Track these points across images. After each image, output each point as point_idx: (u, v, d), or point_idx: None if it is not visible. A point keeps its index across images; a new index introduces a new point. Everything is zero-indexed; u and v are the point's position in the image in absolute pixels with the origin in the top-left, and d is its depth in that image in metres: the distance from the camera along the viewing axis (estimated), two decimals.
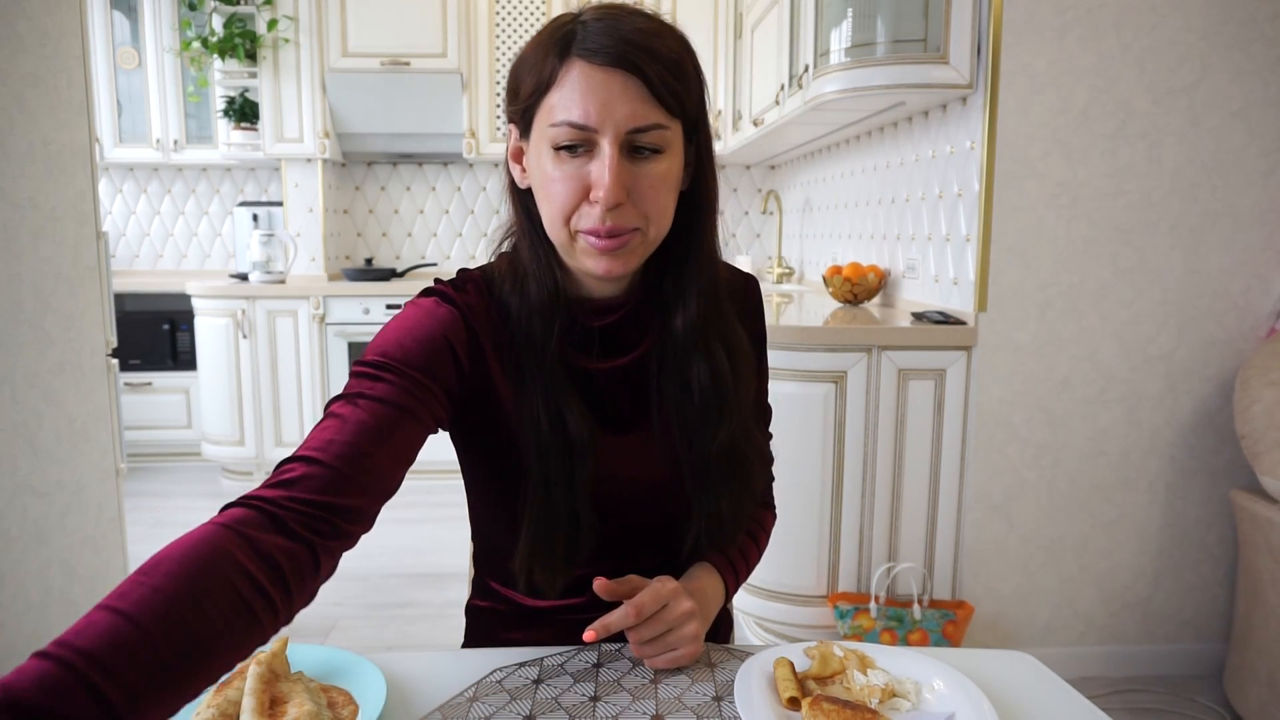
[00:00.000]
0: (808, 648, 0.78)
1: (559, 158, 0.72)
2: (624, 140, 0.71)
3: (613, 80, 0.69)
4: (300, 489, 0.66)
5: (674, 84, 0.71)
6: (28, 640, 1.77)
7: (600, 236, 0.73)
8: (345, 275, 4.01)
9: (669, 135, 0.73)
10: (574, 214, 0.73)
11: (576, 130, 0.70)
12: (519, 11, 3.88)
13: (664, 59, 0.71)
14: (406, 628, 2.42)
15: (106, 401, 2.09)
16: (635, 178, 0.72)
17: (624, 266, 0.75)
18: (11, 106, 1.75)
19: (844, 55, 2.13)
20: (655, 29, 0.72)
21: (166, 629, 0.52)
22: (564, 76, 0.71)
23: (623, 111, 0.70)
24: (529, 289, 0.79)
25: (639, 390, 0.85)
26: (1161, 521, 2.10)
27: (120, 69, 4.04)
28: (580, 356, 0.83)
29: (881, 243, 2.67)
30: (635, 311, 0.84)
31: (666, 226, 0.77)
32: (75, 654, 0.48)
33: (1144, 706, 1.99)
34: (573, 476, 0.79)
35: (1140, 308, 2.03)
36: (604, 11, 0.72)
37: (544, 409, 0.78)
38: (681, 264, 0.81)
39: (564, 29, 0.72)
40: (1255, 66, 1.95)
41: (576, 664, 0.80)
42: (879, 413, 2.04)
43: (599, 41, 0.69)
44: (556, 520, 0.79)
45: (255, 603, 0.58)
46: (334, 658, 0.78)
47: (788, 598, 2.15)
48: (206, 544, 0.58)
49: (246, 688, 0.67)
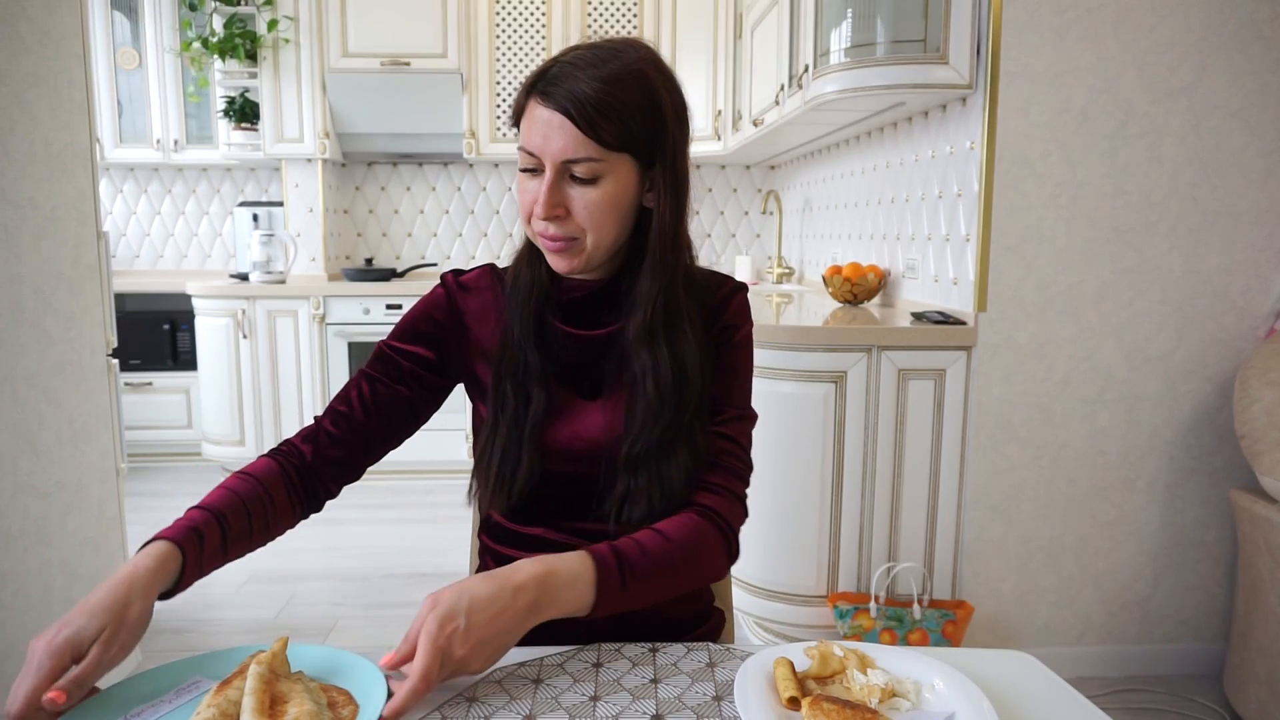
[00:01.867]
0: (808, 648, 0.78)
1: (521, 176, 0.91)
2: (560, 168, 0.87)
3: (553, 119, 0.85)
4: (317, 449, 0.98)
5: (599, 121, 0.84)
6: (28, 640, 1.77)
7: (546, 239, 0.91)
8: (345, 275, 4.01)
9: (603, 166, 0.87)
10: (531, 220, 0.91)
11: (528, 155, 0.89)
12: (519, 11, 3.88)
13: (590, 100, 0.84)
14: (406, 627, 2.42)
15: (107, 401, 2.09)
16: (572, 198, 0.88)
17: (569, 265, 0.92)
18: (12, 106, 1.75)
19: (844, 55, 2.13)
20: (595, 73, 0.85)
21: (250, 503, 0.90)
22: (528, 111, 0.89)
23: (557, 146, 0.86)
24: (522, 269, 0.99)
25: (597, 363, 0.98)
26: (1161, 521, 2.10)
27: (121, 69, 4.04)
28: (554, 320, 0.98)
29: (881, 243, 2.67)
30: (602, 294, 0.98)
31: (607, 237, 0.91)
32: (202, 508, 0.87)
33: (1144, 706, 2.00)
34: (521, 415, 0.94)
35: (1140, 308, 2.03)
36: (574, 55, 0.87)
37: (512, 354, 0.95)
38: (637, 272, 0.94)
39: (539, 70, 0.88)
40: (1255, 66, 1.95)
41: (576, 664, 0.81)
42: (879, 413, 2.05)
43: (546, 85, 0.86)
44: (499, 449, 0.94)
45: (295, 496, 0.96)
46: (334, 658, 0.78)
47: (788, 598, 2.15)
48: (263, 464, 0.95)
49: (247, 687, 0.67)
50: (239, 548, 0.89)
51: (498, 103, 3.94)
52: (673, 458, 0.92)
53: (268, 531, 0.92)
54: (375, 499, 3.54)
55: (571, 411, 0.96)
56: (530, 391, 0.95)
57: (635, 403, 0.93)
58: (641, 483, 0.92)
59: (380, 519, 3.32)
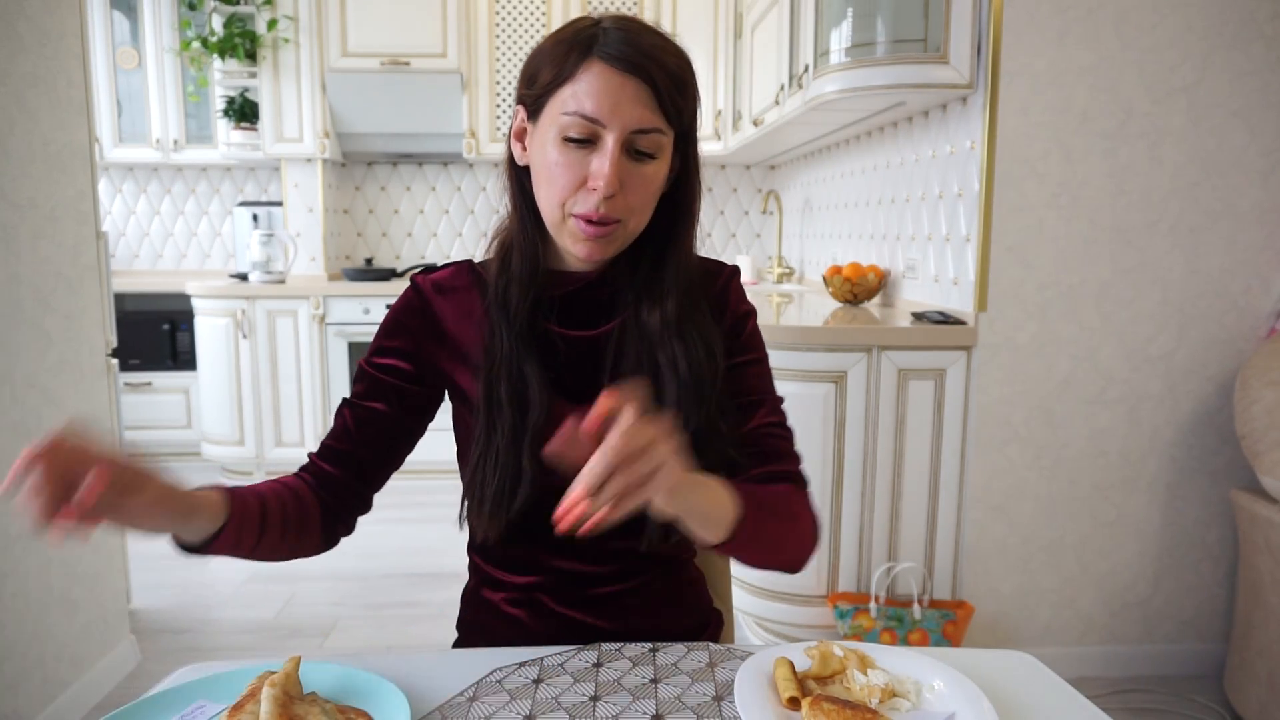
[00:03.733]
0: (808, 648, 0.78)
1: (564, 147, 0.79)
2: (626, 139, 0.78)
3: (626, 84, 0.77)
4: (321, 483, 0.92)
5: (676, 97, 0.80)
6: (28, 640, 1.77)
7: (590, 223, 0.80)
8: (345, 275, 4.01)
9: (663, 141, 0.81)
10: (570, 199, 0.81)
11: (586, 123, 0.78)
12: (519, 11, 3.88)
13: (671, 73, 0.79)
14: (406, 628, 2.42)
15: (106, 401, 2.09)
16: (629, 174, 0.80)
17: (603, 253, 0.83)
18: (11, 106, 1.75)
19: (844, 55, 2.13)
20: (665, 45, 0.80)
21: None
22: (582, 73, 0.78)
23: (631, 114, 0.77)
24: (512, 259, 0.88)
25: (599, 365, 0.89)
26: (1161, 521, 2.10)
27: (120, 69, 4.04)
28: (546, 322, 0.89)
29: (881, 243, 2.66)
30: (601, 290, 0.90)
31: (644, 222, 0.85)
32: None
33: (1144, 706, 1.99)
34: (520, 428, 0.85)
35: (1140, 308, 2.03)
36: (623, 22, 0.80)
37: (504, 364, 0.86)
38: (659, 259, 0.88)
39: (587, 31, 0.79)
40: (1255, 66, 1.95)
41: (576, 664, 0.80)
42: (879, 413, 2.04)
43: (619, 48, 0.77)
44: (497, 467, 0.85)
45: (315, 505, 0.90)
46: (348, 676, 0.75)
47: (788, 598, 2.15)
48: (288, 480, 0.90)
49: (262, 710, 0.64)
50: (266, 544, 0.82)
51: (498, 103, 3.94)
52: (703, 455, 0.84)
53: (298, 537, 0.86)
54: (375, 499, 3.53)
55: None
56: (528, 401, 0.86)
57: (663, 397, 0.85)
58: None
59: (380, 519, 3.29)
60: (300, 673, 0.71)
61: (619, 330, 0.89)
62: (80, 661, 1.94)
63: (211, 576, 2.77)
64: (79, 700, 1.91)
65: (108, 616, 2.07)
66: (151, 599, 2.57)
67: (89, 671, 1.97)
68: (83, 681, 1.94)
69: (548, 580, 0.94)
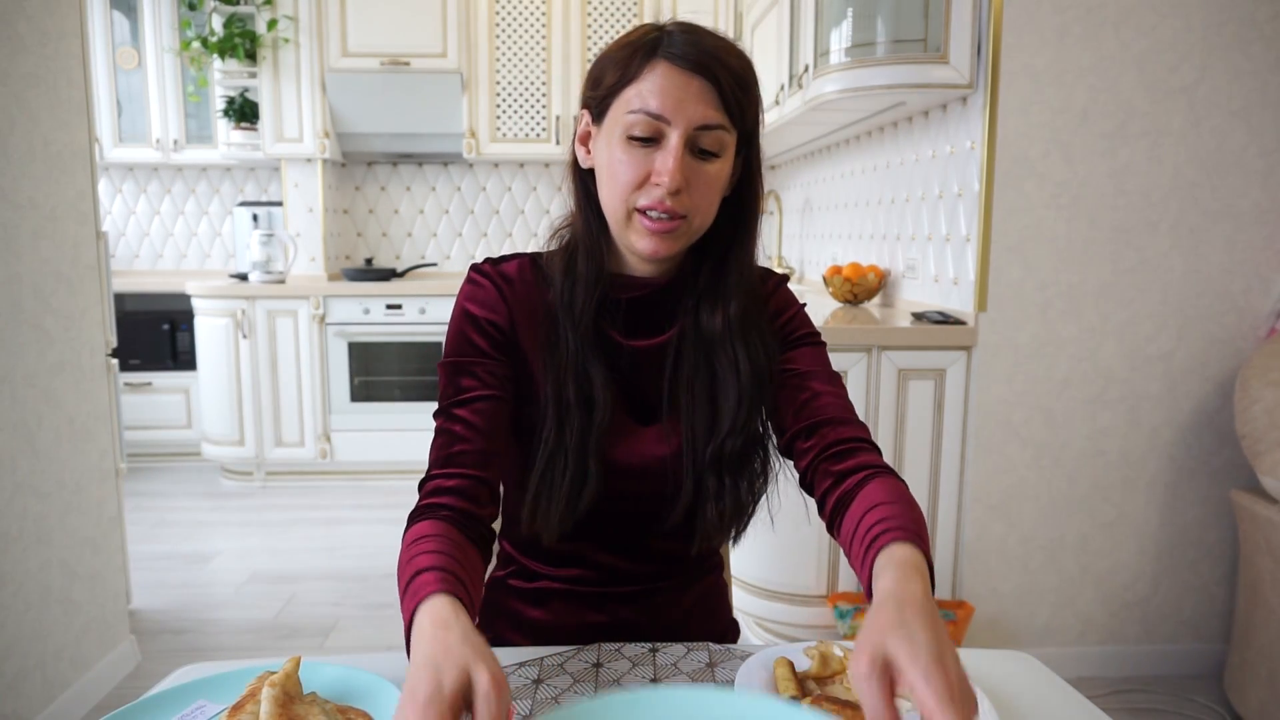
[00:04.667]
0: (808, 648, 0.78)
1: (629, 145, 0.81)
2: (690, 136, 0.80)
3: (691, 82, 0.79)
4: (451, 498, 0.82)
5: (740, 96, 0.82)
6: (27, 640, 1.77)
7: (655, 217, 0.81)
8: (345, 275, 4.01)
9: (726, 140, 0.82)
10: (634, 193, 0.82)
11: (651, 120, 0.79)
12: (519, 11, 3.88)
13: (735, 72, 0.81)
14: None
15: (106, 401, 2.09)
16: (692, 171, 0.81)
17: (668, 249, 0.83)
18: (11, 106, 1.75)
19: (844, 55, 2.13)
20: (728, 46, 0.82)
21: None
22: (647, 73, 0.80)
23: (695, 111, 0.79)
24: (577, 261, 0.88)
25: (659, 371, 0.90)
26: (1161, 521, 2.10)
27: (120, 69, 4.04)
28: (610, 329, 0.90)
29: (881, 243, 2.67)
30: (665, 294, 0.90)
31: (708, 221, 0.85)
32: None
33: (1143, 706, 1.99)
34: (587, 429, 0.86)
35: (1140, 308, 2.03)
36: (687, 26, 0.82)
37: (571, 364, 0.86)
38: (722, 262, 0.89)
39: (651, 35, 0.82)
40: (1255, 66, 1.95)
41: (576, 664, 0.80)
42: (879, 413, 2.04)
43: (683, 48, 0.79)
44: (566, 468, 0.85)
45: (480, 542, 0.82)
46: (348, 677, 0.75)
47: (788, 598, 2.15)
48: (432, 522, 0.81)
49: (262, 711, 0.64)
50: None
51: (498, 103, 3.94)
52: (750, 461, 0.90)
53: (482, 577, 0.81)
54: (375, 499, 3.54)
55: (629, 425, 0.90)
56: (594, 402, 0.86)
57: (723, 400, 0.87)
58: (725, 486, 0.89)
59: (380, 519, 3.32)
60: (300, 673, 0.71)
61: (678, 338, 0.90)
62: (80, 661, 1.94)
63: (211, 577, 2.77)
64: (79, 700, 1.91)
65: (108, 616, 2.07)
66: (151, 599, 2.57)
67: (89, 671, 1.97)
68: (83, 681, 1.94)
69: (587, 574, 0.96)
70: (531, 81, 3.93)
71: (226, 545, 3.05)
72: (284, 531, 3.19)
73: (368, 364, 3.75)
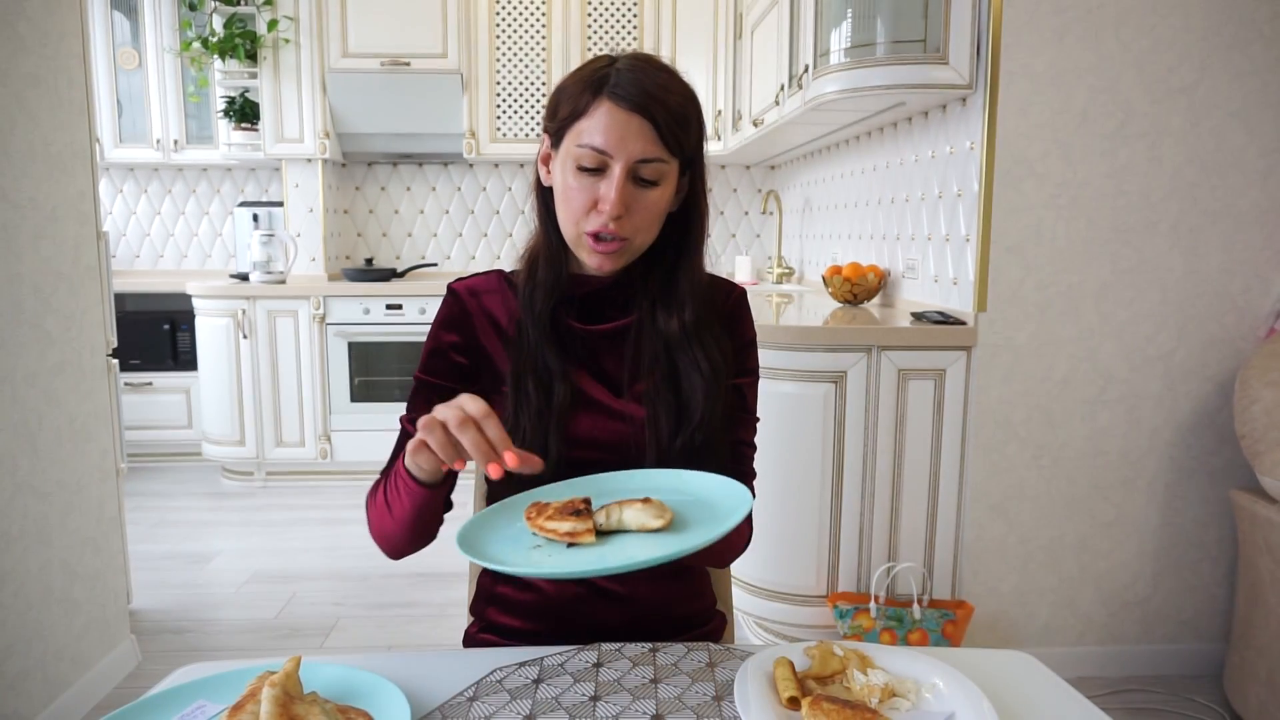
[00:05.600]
0: (808, 648, 0.78)
1: (579, 174, 0.90)
2: (631, 168, 0.89)
3: (631, 120, 0.88)
4: None
5: (677, 130, 0.90)
6: (28, 640, 1.77)
7: (600, 239, 0.91)
8: (345, 275, 4.01)
9: (666, 169, 0.91)
10: (583, 219, 0.92)
11: (596, 154, 0.89)
12: (519, 11, 3.88)
13: (673, 110, 0.89)
14: (406, 628, 2.43)
15: (106, 401, 2.09)
16: (634, 199, 0.90)
17: (613, 264, 0.94)
18: (12, 106, 1.75)
19: (844, 55, 2.13)
20: (670, 83, 0.90)
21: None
22: (594, 110, 0.89)
23: (635, 146, 0.88)
24: (539, 269, 0.98)
25: (616, 356, 1.00)
26: (1161, 521, 2.10)
27: (120, 69, 4.04)
28: (568, 318, 1.00)
29: (881, 243, 2.67)
30: (616, 288, 1.00)
31: (649, 239, 0.95)
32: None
33: (1143, 706, 2.00)
34: (545, 409, 0.95)
35: (1140, 308, 2.03)
36: (635, 63, 0.91)
37: (530, 354, 0.97)
38: (672, 270, 0.98)
39: (601, 71, 0.90)
40: (1255, 66, 1.95)
41: (576, 664, 0.81)
42: (879, 413, 2.04)
43: (626, 89, 0.88)
44: (525, 444, 0.93)
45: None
46: (348, 677, 0.75)
47: (788, 598, 2.15)
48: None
49: (262, 711, 0.64)
50: (436, 525, 0.95)
51: (498, 103, 3.94)
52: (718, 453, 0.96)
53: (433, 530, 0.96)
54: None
55: (594, 403, 0.98)
56: (552, 385, 0.96)
57: (689, 393, 0.96)
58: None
59: None
60: (300, 673, 0.71)
61: (636, 328, 0.99)
62: (80, 661, 1.95)
63: (212, 577, 2.77)
64: (79, 700, 1.92)
65: (108, 616, 2.07)
66: (152, 599, 2.57)
67: (89, 671, 1.97)
68: (83, 681, 1.94)
69: None
70: (531, 81, 3.93)
71: (227, 545, 3.05)
72: (284, 531, 3.19)
73: (368, 364, 3.75)
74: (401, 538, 0.92)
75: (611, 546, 0.75)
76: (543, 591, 1.00)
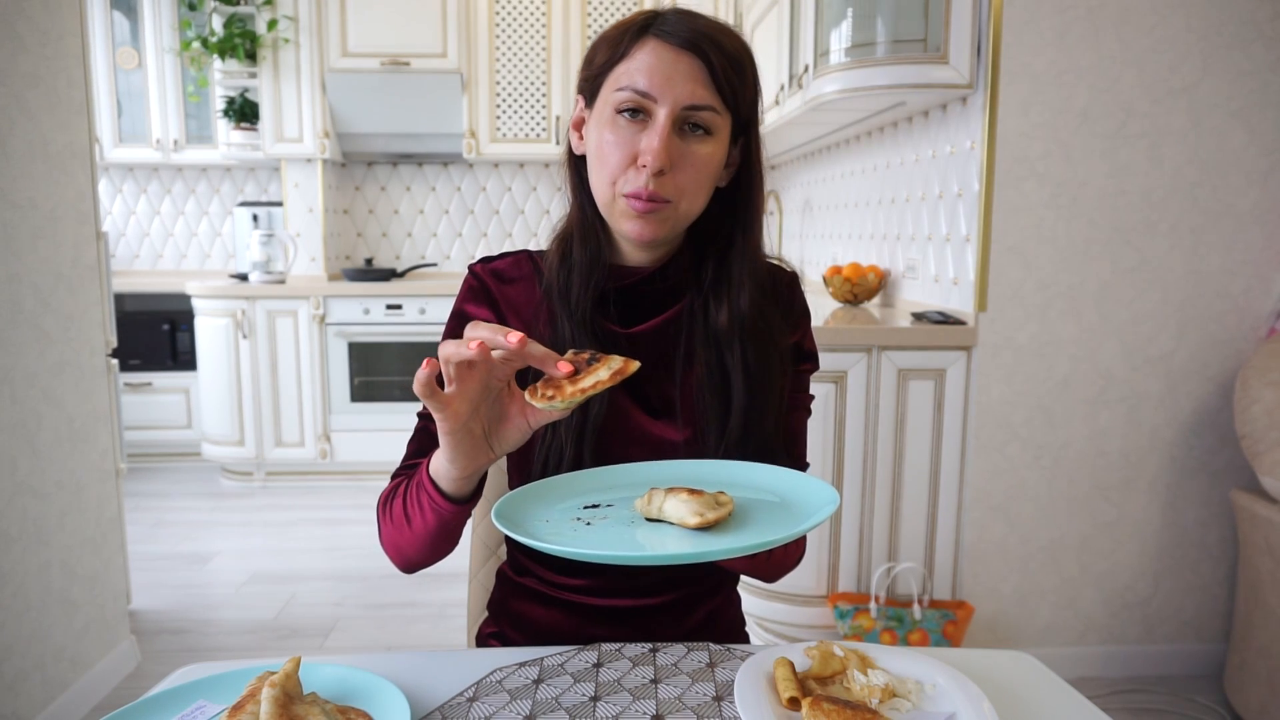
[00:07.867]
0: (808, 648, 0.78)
1: (616, 123, 0.79)
2: (678, 115, 0.77)
3: (680, 59, 0.77)
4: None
5: (733, 77, 0.78)
6: (27, 640, 1.77)
7: (640, 200, 0.78)
8: (345, 275, 4.01)
9: (718, 121, 0.79)
10: (620, 178, 0.79)
11: (638, 96, 0.77)
12: (519, 11, 3.88)
13: (729, 53, 0.78)
14: (406, 628, 2.42)
15: (106, 401, 2.09)
16: (680, 152, 0.78)
17: (654, 232, 0.81)
18: (11, 106, 1.75)
19: (844, 55, 2.13)
20: (724, 28, 0.80)
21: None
22: (637, 50, 0.78)
23: (684, 89, 0.77)
24: (574, 248, 0.86)
25: (664, 364, 0.87)
26: (1161, 521, 2.10)
27: (120, 69, 4.04)
28: (607, 321, 0.87)
29: (881, 243, 2.66)
30: (659, 280, 0.88)
31: (697, 207, 0.82)
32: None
33: (1144, 706, 1.99)
34: (582, 422, 0.83)
35: (1140, 308, 2.03)
36: (684, 10, 0.80)
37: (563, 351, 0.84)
38: (723, 258, 0.86)
39: (644, 15, 0.80)
40: (1255, 66, 1.95)
41: (576, 664, 0.80)
42: (879, 413, 2.04)
43: (674, 26, 0.77)
44: (561, 461, 0.84)
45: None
46: (348, 677, 0.74)
47: (788, 598, 2.15)
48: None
49: (263, 710, 0.64)
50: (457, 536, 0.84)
51: (498, 103, 3.94)
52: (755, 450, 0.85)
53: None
54: (375, 499, 3.54)
55: (635, 417, 0.87)
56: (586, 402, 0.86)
57: (735, 399, 0.84)
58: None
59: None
60: (300, 673, 0.71)
61: (685, 334, 0.87)
62: (80, 662, 1.94)
63: (211, 577, 2.77)
64: (79, 700, 1.91)
65: (108, 617, 2.07)
66: (151, 599, 2.57)
67: (89, 672, 1.97)
68: (83, 682, 1.94)
69: (593, 584, 0.92)
70: (531, 81, 3.93)
71: (226, 545, 3.05)
72: (284, 531, 3.19)
73: (368, 364, 3.75)
74: (419, 552, 0.83)
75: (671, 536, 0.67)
76: (557, 621, 0.94)
